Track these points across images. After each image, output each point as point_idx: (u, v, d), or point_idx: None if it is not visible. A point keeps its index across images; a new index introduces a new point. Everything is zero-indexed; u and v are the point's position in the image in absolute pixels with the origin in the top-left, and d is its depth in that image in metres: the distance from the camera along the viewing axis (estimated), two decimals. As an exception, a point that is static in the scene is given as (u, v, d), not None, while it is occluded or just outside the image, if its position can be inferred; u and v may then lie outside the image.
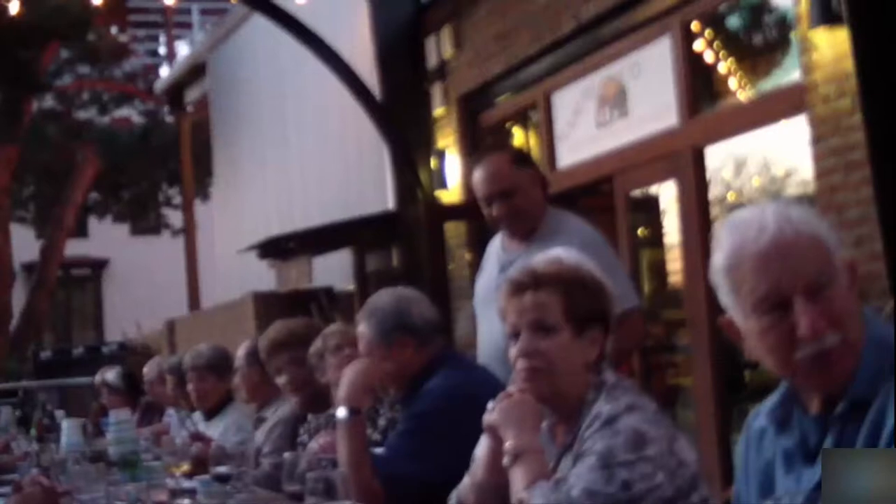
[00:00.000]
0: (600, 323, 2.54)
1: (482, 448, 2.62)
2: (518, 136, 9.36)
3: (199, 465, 4.16)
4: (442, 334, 3.59)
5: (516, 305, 2.53)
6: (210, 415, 5.65)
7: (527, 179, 3.94)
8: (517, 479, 2.42)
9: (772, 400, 2.10)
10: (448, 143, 9.40)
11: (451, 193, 9.18)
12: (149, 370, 7.33)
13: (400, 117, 9.33)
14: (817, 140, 5.63)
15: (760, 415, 2.13)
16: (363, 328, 3.55)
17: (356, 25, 10.15)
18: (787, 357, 1.94)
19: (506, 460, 2.46)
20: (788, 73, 6.34)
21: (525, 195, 3.92)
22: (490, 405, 2.58)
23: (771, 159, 7.19)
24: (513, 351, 2.54)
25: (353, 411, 3.40)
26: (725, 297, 2.02)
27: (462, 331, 8.39)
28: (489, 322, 3.99)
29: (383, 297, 3.59)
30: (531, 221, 3.95)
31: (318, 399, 4.40)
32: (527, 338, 2.51)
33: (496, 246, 4.15)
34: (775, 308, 1.93)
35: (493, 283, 4.02)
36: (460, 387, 3.42)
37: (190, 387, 5.73)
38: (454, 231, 9.23)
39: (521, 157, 4.11)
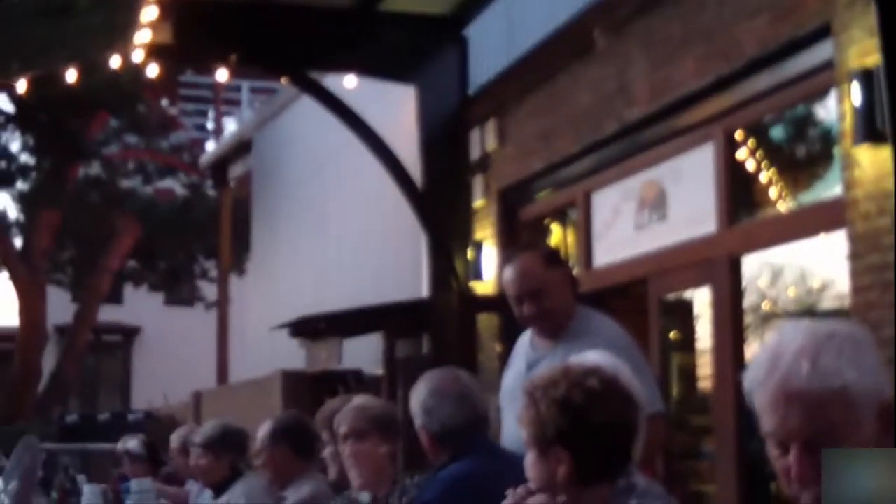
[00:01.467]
0: (561, 443, 2.49)
1: None
2: (556, 233, 9.40)
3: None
4: (471, 436, 3.57)
5: None
6: (218, 492, 5.67)
7: (557, 279, 3.94)
8: None
9: None
10: (486, 235, 9.44)
11: (485, 285, 9.19)
12: (173, 440, 7.34)
13: (440, 206, 9.39)
14: (855, 256, 5.62)
15: None
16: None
17: (403, 113, 10.29)
18: (787, 485, 1.93)
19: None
20: (830, 188, 6.36)
21: (555, 295, 3.91)
22: (509, 493, 2.59)
23: (807, 271, 7.17)
24: None
25: (374, 497, 3.44)
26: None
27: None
28: (512, 419, 3.89)
29: (426, 382, 3.64)
30: (560, 320, 3.94)
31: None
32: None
33: (525, 342, 4.15)
34: (778, 445, 1.92)
35: (519, 380, 3.96)
36: (468, 477, 3.43)
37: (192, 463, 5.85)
38: (486, 323, 9.23)
39: (553, 256, 4.12)
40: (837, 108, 5.85)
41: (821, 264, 6.93)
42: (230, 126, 24.18)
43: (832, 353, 1.89)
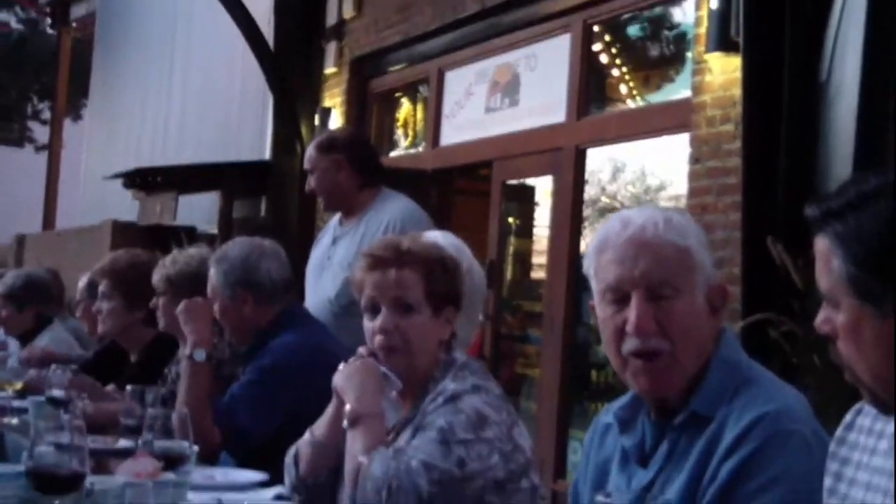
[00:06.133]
0: (454, 303, 2.59)
1: (329, 408, 2.65)
2: (406, 109, 9.36)
3: (35, 385, 4.08)
4: (290, 293, 3.64)
5: (377, 280, 2.55)
6: (24, 342, 5.54)
7: (327, 164, 4.42)
8: (356, 441, 2.45)
9: (623, 399, 2.16)
10: (335, 104, 9.34)
11: (329, 153, 9.12)
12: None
13: (290, 69, 9.24)
14: (696, 159, 5.76)
15: (609, 411, 2.19)
16: (212, 272, 3.58)
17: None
18: (618, 350, 2.02)
19: (345, 422, 2.49)
20: (679, 90, 6.48)
21: (321, 179, 4.44)
22: (341, 367, 2.61)
23: (648, 170, 7.35)
24: (369, 325, 2.56)
25: (208, 354, 3.46)
26: (591, 282, 2.10)
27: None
28: (315, 292, 4.35)
29: (236, 246, 3.62)
30: (338, 201, 4.46)
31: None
32: (387, 315, 2.54)
33: (336, 219, 4.55)
34: (617, 300, 2.01)
35: (323, 254, 4.45)
36: (304, 344, 3.47)
37: None
38: (327, 191, 9.18)
39: (330, 143, 4.50)
40: (694, 14, 5.93)
41: (661, 164, 7.12)
42: (75, -38, 23.05)
43: (682, 219, 2.06)
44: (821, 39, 4.91)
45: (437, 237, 2.91)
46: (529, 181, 8.19)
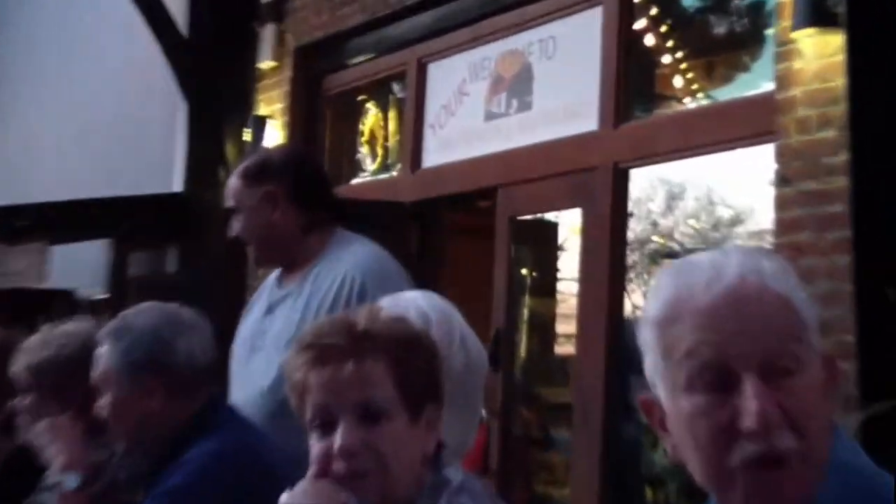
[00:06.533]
0: (435, 399, 2.53)
1: None
2: (373, 117, 9.37)
3: None
4: (213, 382, 3.65)
5: (328, 380, 2.45)
6: None
7: (254, 198, 4.38)
8: None
9: None
10: (273, 111, 9.37)
11: (267, 181, 9.12)
12: None
13: (209, 65, 9.25)
14: (784, 180, 5.73)
15: None
16: (104, 349, 3.55)
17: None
18: (722, 459, 1.92)
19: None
20: (756, 83, 6.48)
21: (248, 217, 4.41)
22: (284, 496, 2.52)
23: (717, 196, 7.32)
24: (319, 445, 2.46)
25: (83, 479, 3.46)
26: (651, 364, 2.01)
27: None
28: (242, 382, 4.33)
29: (144, 314, 3.61)
30: (273, 250, 4.44)
31: None
32: (349, 429, 2.44)
33: (272, 280, 4.52)
34: (717, 385, 1.92)
35: (255, 328, 4.42)
36: (229, 452, 3.47)
37: None
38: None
39: (259, 169, 4.44)
40: (777, -24, 5.95)
41: (735, 188, 7.09)
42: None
43: (777, 263, 2.01)
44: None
45: (416, 300, 2.88)
46: (549, 216, 8.17)
